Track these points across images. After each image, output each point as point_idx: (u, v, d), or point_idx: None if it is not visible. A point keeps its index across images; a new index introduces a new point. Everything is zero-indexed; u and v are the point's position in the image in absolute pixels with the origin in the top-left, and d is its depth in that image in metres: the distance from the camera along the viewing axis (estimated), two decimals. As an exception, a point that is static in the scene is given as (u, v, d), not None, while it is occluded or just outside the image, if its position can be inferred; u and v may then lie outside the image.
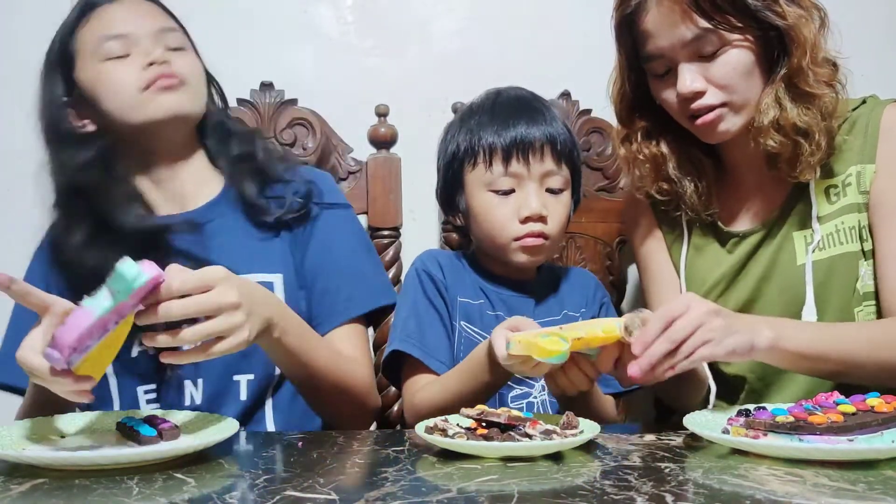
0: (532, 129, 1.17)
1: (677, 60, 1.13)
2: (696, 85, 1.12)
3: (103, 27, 1.16)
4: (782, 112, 1.11)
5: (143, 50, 1.15)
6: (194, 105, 1.18)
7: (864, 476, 0.74)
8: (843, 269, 1.16)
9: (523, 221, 1.16)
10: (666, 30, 1.11)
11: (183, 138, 1.21)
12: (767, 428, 0.83)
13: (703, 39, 1.10)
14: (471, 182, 1.20)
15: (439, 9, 1.72)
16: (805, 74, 1.10)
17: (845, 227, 1.16)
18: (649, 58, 1.16)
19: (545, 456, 0.84)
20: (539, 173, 1.17)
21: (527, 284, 1.25)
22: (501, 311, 1.21)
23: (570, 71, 1.64)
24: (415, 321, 1.19)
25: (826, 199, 1.19)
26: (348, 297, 1.21)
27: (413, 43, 1.71)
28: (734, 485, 0.73)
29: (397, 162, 1.53)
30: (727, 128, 1.15)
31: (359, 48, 1.69)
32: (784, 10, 1.09)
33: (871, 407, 0.86)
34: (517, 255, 1.19)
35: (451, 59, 1.69)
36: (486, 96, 1.25)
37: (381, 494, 0.71)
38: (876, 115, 1.17)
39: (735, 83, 1.12)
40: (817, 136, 1.12)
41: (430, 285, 1.21)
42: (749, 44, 1.11)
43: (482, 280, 1.24)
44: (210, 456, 0.86)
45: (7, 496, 0.72)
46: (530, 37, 1.71)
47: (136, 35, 1.16)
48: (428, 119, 1.58)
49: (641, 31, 1.15)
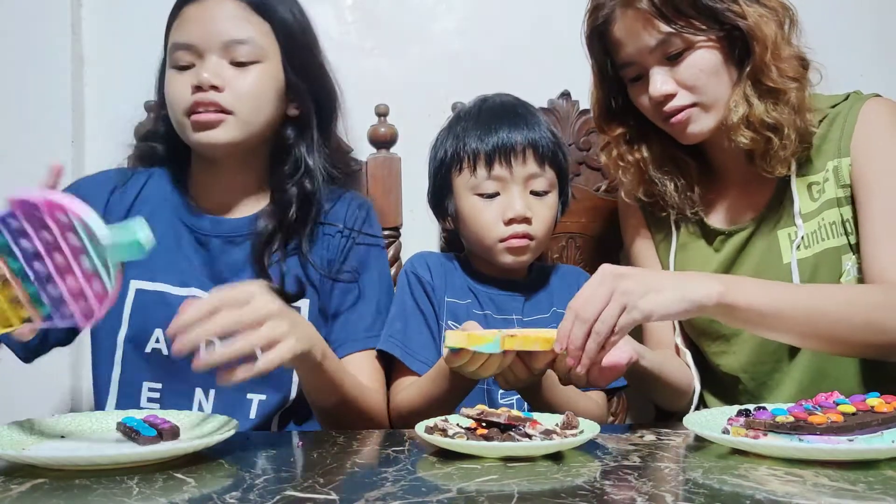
0: (514, 133, 1.21)
1: (647, 65, 1.16)
2: (665, 88, 1.15)
3: (178, 32, 1.14)
4: (750, 109, 1.13)
5: (203, 65, 1.12)
6: (237, 135, 1.14)
7: (864, 476, 0.74)
8: (828, 265, 1.17)
9: (507, 223, 1.20)
10: (632, 38, 1.15)
11: (231, 155, 1.18)
12: (767, 428, 0.83)
13: (667, 43, 1.13)
14: (458, 186, 1.24)
15: (439, 9, 1.72)
16: (769, 70, 1.12)
17: (826, 223, 1.18)
18: (622, 65, 1.20)
19: (545, 456, 0.84)
20: (522, 176, 1.21)
21: (517, 283, 1.28)
22: (490, 309, 1.24)
23: (570, 71, 1.63)
24: (400, 322, 1.21)
25: (809, 196, 1.20)
26: (369, 328, 1.21)
27: (413, 43, 1.71)
28: (734, 485, 0.73)
29: (397, 162, 1.53)
30: (699, 128, 1.17)
31: (359, 48, 1.69)
32: (744, 9, 1.12)
33: (871, 407, 0.86)
34: (503, 255, 1.22)
35: (451, 59, 1.69)
36: (472, 104, 1.30)
37: (381, 494, 0.71)
38: (855, 109, 1.19)
39: (702, 83, 1.14)
40: (787, 130, 1.14)
41: (417, 287, 1.24)
42: (713, 44, 1.14)
43: (472, 280, 1.28)
44: (210, 456, 0.86)
45: (7, 496, 0.72)
46: (530, 37, 1.71)
47: (200, 47, 1.12)
48: (428, 119, 1.58)
49: (612, 41, 1.19)
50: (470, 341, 0.93)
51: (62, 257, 0.80)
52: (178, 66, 1.13)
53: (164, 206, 1.21)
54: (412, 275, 1.26)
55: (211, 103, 1.11)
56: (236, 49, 1.12)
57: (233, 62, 1.13)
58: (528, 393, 1.09)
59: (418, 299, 1.24)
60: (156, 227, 1.18)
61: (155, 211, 1.20)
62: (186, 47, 1.12)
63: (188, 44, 1.12)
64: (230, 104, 1.12)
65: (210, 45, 1.12)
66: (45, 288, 0.80)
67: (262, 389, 1.15)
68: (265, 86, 1.15)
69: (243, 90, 1.13)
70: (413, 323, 1.22)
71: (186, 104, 1.12)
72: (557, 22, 1.71)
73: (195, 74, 1.11)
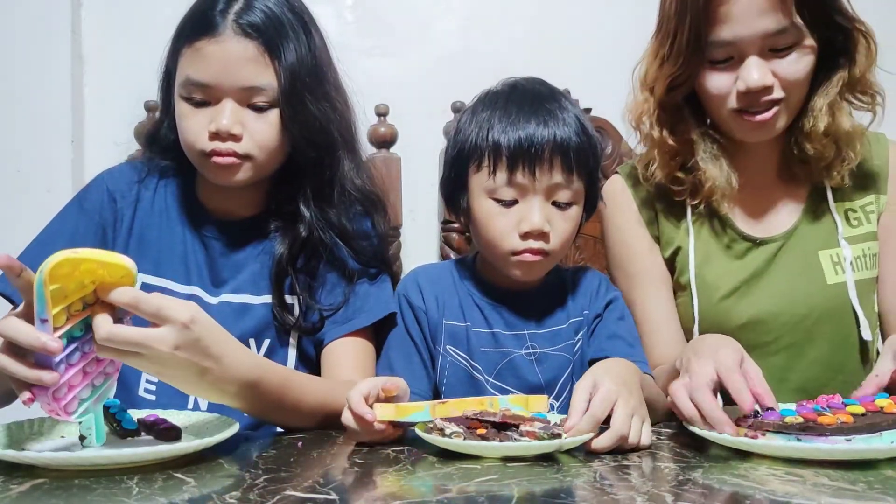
0: (541, 130, 1.07)
1: (746, 52, 1.09)
2: (767, 79, 1.09)
3: (193, 67, 1.10)
4: (833, 119, 1.13)
5: (220, 109, 1.09)
6: (252, 176, 1.13)
7: (864, 476, 0.74)
8: (868, 291, 1.20)
9: (523, 237, 1.08)
10: (750, 18, 1.07)
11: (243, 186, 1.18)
12: (776, 429, 0.83)
13: (784, 33, 1.08)
14: (474, 185, 1.12)
15: (439, 9, 1.72)
16: (864, 84, 1.13)
17: (870, 254, 1.20)
18: (716, 44, 1.10)
19: (545, 456, 0.84)
20: (545, 186, 1.07)
21: (529, 292, 1.17)
22: (498, 326, 1.15)
23: (570, 70, 1.64)
24: (395, 353, 1.16)
25: (846, 221, 1.21)
26: (357, 310, 1.19)
27: (413, 43, 1.71)
28: (734, 485, 0.73)
29: (397, 162, 1.53)
30: (780, 126, 1.14)
31: (359, 48, 1.69)
32: (856, 19, 1.12)
33: (881, 408, 0.86)
34: (512, 269, 1.11)
35: (451, 59, 1.69)
36: (501, 87, 1.16)
37: (381, 494, 0.71)
38: (883, 149, 1.22)
39: (800, 83, 1.12)
40: (858, 146, 1.15)
41: (408, 314, 1.17)
42: (812, 46, 1.11)
43: (478, 292, 1.18)
44: (210, 456, 0.86)
45: (7, 496, 0.72)
46: (530, 36, 1.71)
47: (218, 89, 1.09)
48: (428, 119, 1.58)
49: (716, 15, 1.08)
50: (399, 413, 0.91)
51: (89, 367, 0.85)
52: (192, 102, 1.11)
53: (172, 206, 1.23)
54: (403, 298, 1.18)
55: (229, 153, 1.10)
56: (255, 95, 1.10)
57: (250, 105, 1.11)
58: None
59: (409, 326, 1.16)
60: (164, 225, 1.21)
61: (164, 208, 1.22)
62: (202, 86, 1.10)
63: (205, 84, 1.09)
64: (248, 150, 1.11)
65: (228, 90, 1.10)
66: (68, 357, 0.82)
67: None
68: (281, 131, 1.13)
69: (260, 138, 1.11)
70: (403, 353, 1.16)
71: (203, 147, 1.10)
72: (557, 21, 1.71)
73: (212, 118, 1.10)
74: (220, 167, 1.11)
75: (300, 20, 1.14)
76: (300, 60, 1.12)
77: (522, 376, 1.12)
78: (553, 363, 1.13)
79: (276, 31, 1.10)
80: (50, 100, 1.69)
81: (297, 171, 1.18)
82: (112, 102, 1.67)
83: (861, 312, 1.18)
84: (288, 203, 1.19)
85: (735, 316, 1.20)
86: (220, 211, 1.22)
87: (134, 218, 1.21)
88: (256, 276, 1.19)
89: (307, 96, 1.13)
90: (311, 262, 1.19)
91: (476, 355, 1.13)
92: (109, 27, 1.71)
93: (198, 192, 1.24)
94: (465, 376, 1.13)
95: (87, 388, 0.85)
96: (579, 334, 1.16)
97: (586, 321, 1.17)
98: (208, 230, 1.21)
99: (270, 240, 1.19)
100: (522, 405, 0.94)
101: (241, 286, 1.18)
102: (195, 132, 1.11)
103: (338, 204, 1.19)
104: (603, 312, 1.18)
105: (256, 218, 1.21)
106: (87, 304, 0.83)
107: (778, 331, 1.19)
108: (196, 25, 1.11)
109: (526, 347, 1.13)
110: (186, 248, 1.20)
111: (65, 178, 1.70)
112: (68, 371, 0.81)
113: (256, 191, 1.21)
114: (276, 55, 1.10)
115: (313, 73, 1.14)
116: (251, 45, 1.09)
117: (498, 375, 1.13)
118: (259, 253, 1.20)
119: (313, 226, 1.17)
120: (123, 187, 1.22)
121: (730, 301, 1.21)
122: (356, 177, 1.22)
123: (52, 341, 0.77)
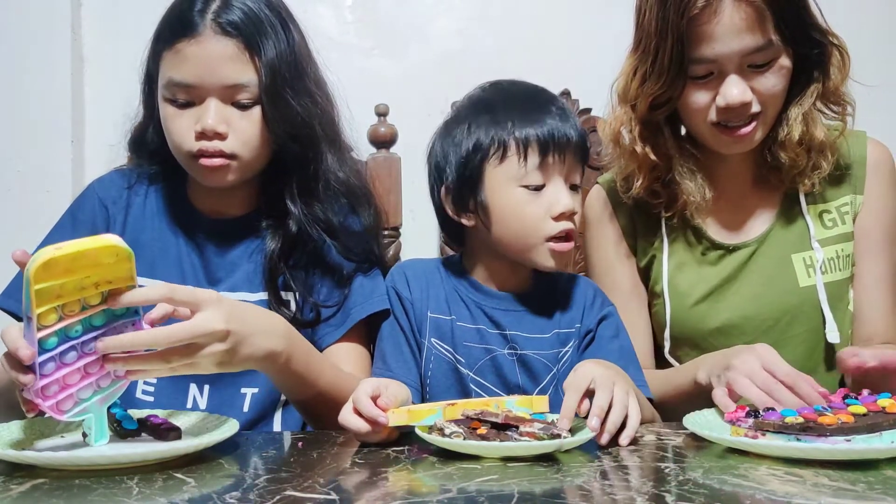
0: (565, 124, 1.10)
1: (727, 69, 1.10)
2: (746, 96, 1.11)
3: (175, 69, 1.10)
4: (807, 128, 1.14)
5: (205, 109, 1.10)
6: (241, 176, 1.15)
7: (864, 476, 0.74)
8: (841, 293, 1.21)
9: (557, 219, 1.09)
10: (732, 36, 1.08)
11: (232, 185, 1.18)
12: (776, 429, 0.83)
13: (764, 51, 1.09)
14: (495, 178, 1.11)
15: (439, 9, 1.72)
16: (837, 95, 1.15)
17: (843, 255, 1.21)
18: (697, 60, 1.11)
19: (545, 456, 0.84)
20: (568, 169, 1.11)
21: (518, 295, 1.17)
22: (483, 323, 1.15)
23: (570, 70, 1.64)
24: (386, 343, 1.17)
25: (821, 223, 1.22)
26: (351, 304, 1.19)
27: (413, 43, 1.71)
28: (734, 485, 0.73)
29: (397, 162, 1.53)
30: (758, 138, 1.16)
31: (359, 48, 1.69)
32: (831, 32, 1.14)
33: (883, 408, 0.86)
34: (546, 258, 1.11)
35: (451, 59, 1.70)
36: (494, 90, 1.17)
37: (381, 494, 0.71)
38: (860, 148, 1.22)
39: (777, 97, 1.14)
40: (830, 155, 1.17)
41: (396, 303, 1.18)
42: (789, 61, 1.12)
43: (465, 289, 1.17)
44: (210, 456, 0.86)
45: (7, 496, 0.72)
46: (530, 36, 1.71)
47: (201, 89, 1.10)
48: (428, 119, 1.57)
49: (699, 33, 1.09)
50: (412, 418, 0.91)
51: (91, 367, 0.85)
52: (176, 103, 1.12)
53: (163, 209, 1.23)
54: (392, 289, 1.19)
55: (216, 152, 1.11)
56: (238, 92, 1.11)
57: (234, 103, 1.11)
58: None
59: (398, 316, 1.17)
60: (156, 228, 1.21)
61: (156, 212, 1.22)
62: (185, 87, 1.10)
63: (188, 84, 1.10)
64: (234, 149, 1.12)
65: (211, 89, 1.10)
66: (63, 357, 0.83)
67: (255, 383, 1.15)
68: (264, 128, 1.14)
69: (246, 136, 1.12)
70: (393, 344, 1.16)
71: (190, 148, 1.11)
72: (557, 21, 1.71)
73: (197, 118, 1.10)
74: (209, 169, 1.12)
75: (278, 16, 1.15)
76: (280, 56, 1.12)
77: (503, 375, 1.13)
78: (535, 367, 1.13)
79: (255, 29, 1.11)
80: (50, 100, 1.69)
81: (284, 168, 1.19)
82: (112, 102, 1.66)
83: (830, 315, 1.18)
84: (278, 200, 1.19)
85: (709, 320, 1.22)
86: (211, 211, 1.22)
87: (126, 223, 1.22)
88: (251, 273, 1.19)
89: (288, 91, 1.13)
90: (303, 257, 1.19)
91: (460, 349, 1.14)
92: (109, 27, 1.71)
93: (188, 193, 1.24)
94: (450, 369, 1.14)
95: (89, 388, 0.85)
96: (567, 346, 1.14)
97: (577, 335, 1.15)
98: (201, 231, 1.21)
99: (262, 237, 1.19)
100: (527, 406, 0.95)
101: (237, 284, 1.18)
102: (181, 133, 1.12)
103: (323, 198, 1.20)
104: (596, 328, 1.16)
105: (248, 216, 1.22)
106: (86, 306, 0.83)
107: (751, 334, 1.19)
108: (175, 27, 1.11)
109: (509, 347, 1.13)
110: (180, 249, 1.20)
111: (65, 178, 1.70)
112: (60, 370, 0.82)
113: (246, 190, 1.21)
114: (257, 52, 1.11)
115: (293, 68, 1.15)
116: (231, 44, 1.09)
117: (479, 371, 1.13)
118: (253, 251, 1.20)
119: (301, 221, 1.18)
120: (114, 194, 1.23)
121: (703, 306, 1.22)
122: (339, 170, 1.22)
123: (25, 349, 0.79)
